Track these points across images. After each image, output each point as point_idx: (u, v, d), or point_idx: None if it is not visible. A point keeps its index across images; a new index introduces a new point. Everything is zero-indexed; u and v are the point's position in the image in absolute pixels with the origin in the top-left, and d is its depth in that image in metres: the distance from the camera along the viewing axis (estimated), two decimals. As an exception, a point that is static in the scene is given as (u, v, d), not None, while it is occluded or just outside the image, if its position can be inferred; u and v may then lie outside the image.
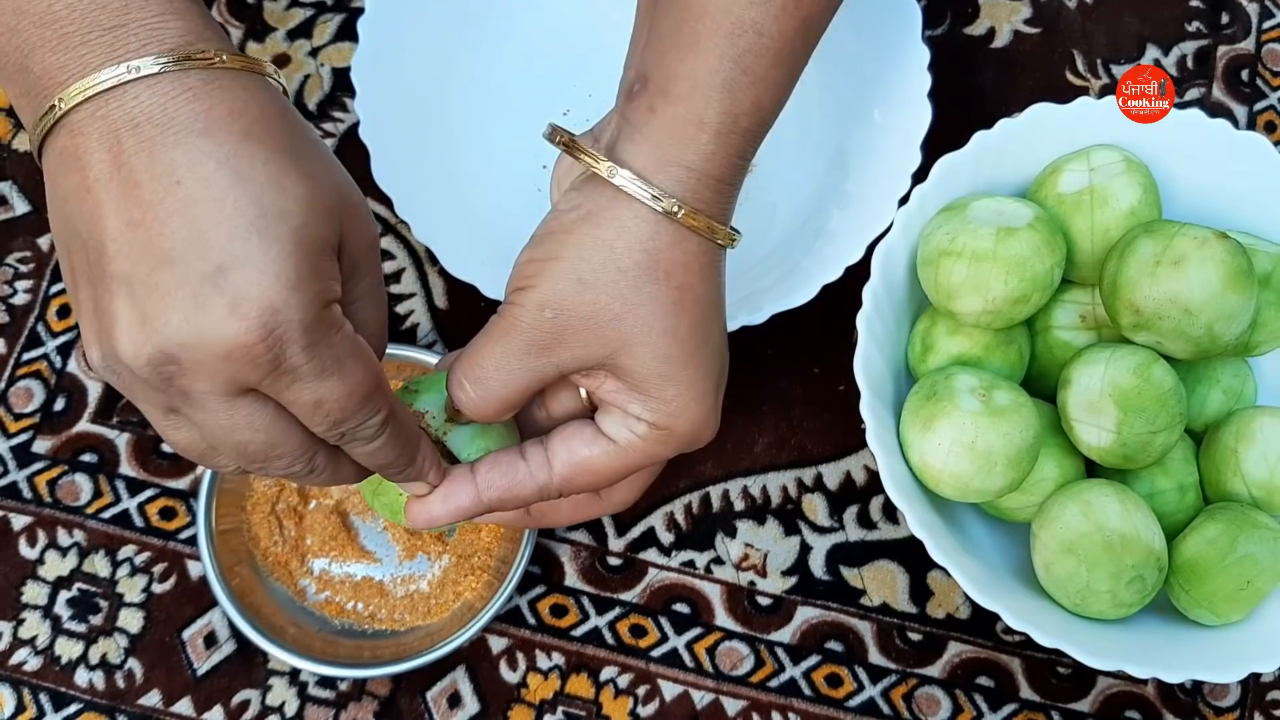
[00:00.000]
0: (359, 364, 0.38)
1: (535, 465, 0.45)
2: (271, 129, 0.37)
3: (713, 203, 0.43)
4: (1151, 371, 0.52)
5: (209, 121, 0.36)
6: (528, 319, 0.43)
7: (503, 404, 0.44)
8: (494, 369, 0.43)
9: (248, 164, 0.36)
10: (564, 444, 0.45)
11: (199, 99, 0.36)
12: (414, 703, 0.58)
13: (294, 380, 0.37)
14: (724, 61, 0.42)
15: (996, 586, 0.52)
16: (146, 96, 0.36)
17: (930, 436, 0.52)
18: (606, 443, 0.45)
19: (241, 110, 0.37)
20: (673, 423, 0.44)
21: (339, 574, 0.59)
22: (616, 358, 0.43)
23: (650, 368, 0.43)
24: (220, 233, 0.35)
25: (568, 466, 0.45)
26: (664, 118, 0.42)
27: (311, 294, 0.36)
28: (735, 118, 0.42)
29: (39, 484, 0.61)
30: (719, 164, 0.43)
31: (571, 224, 0.43)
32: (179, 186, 0.35)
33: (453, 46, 0.66)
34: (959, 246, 0.53)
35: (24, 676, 0.58)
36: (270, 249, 0.35)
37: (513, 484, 0.45)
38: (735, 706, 0.58)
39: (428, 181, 0.62)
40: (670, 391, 0.43)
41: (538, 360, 0.43)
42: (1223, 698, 0.59)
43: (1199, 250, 0.51)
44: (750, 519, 0.61)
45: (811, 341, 0.64)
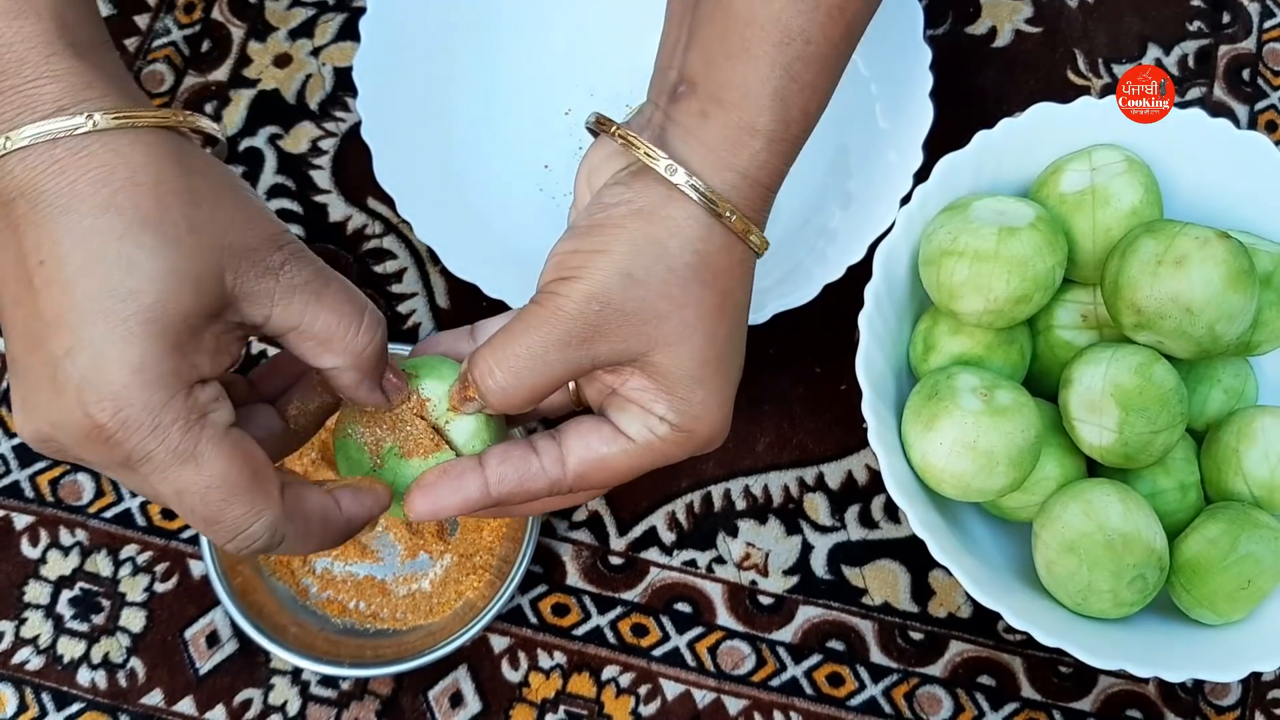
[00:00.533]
0: (221, 455, 0.37)
1: (548, 460, 0.44)
2: (136, 194, 0.36)
3: (759, 210, 0.44)
4: (1153, 371, 0.52)
5: (71, 196, 0.36)
6: (572, 309, 0.42)
7: (532, 394, 0.43)
8: (530, 358, 0.42)
9: (101, 241, 0.35)
10: (580, 440, 0.44)
11: (64, 171, 0.36)
12: (416, 702, 0.58)
13: (152, 469, 0.36)
14: (775, 70, 0.42)
15: (998, 586, 0.52)
16: (19, 170, 0.36)
17: (932, 436, 0.52)
18: (625, 441, 0.44)
19: (105, 178, 0.36)
20: (695, 425, 0.43)
21: (341, 573, 0.59)
22: (651, 355, 0.42)
23: (685, 370, 0.43)
24: (73, 316, 0.35)
25: (583, 464, 0.44)
26: (717, 123, 0.43)
27: (160, 375, 0.36)
28: (786, 125, 0.43)
29: (41, 483, 0.61)
30: (770, 171, 0.43)
31: (622, 218, 0.42)
32: (42, 267, 0.35)
33: (455, 46, 0.66)
34: (961, 246, 0.53)
35: (26, 676, 0.58)
36: (115, 331, 0.35)
37: (525, 479, 0.43)
38: (737, 706, 0.58)
39: (429, 181, 0.62)
40: (699, 395, 0.43)
41: (576, 352, 0.42)
42: (1224, 697, 0.59)
43: (1200, 250, 0.51)
44: (752, 518, 0.61)
45: (813, 341, 0.64)
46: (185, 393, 0.36)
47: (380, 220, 0.66)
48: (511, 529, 0.59)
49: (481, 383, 0.43)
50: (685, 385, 0.43)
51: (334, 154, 0.68)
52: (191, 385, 0.37)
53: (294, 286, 0.39)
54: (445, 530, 0.60)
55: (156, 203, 0.37)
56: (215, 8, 0.70)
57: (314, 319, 0.40)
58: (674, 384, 0.43)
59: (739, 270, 0.44)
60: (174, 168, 0.38)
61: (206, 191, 0.38)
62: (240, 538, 0.38)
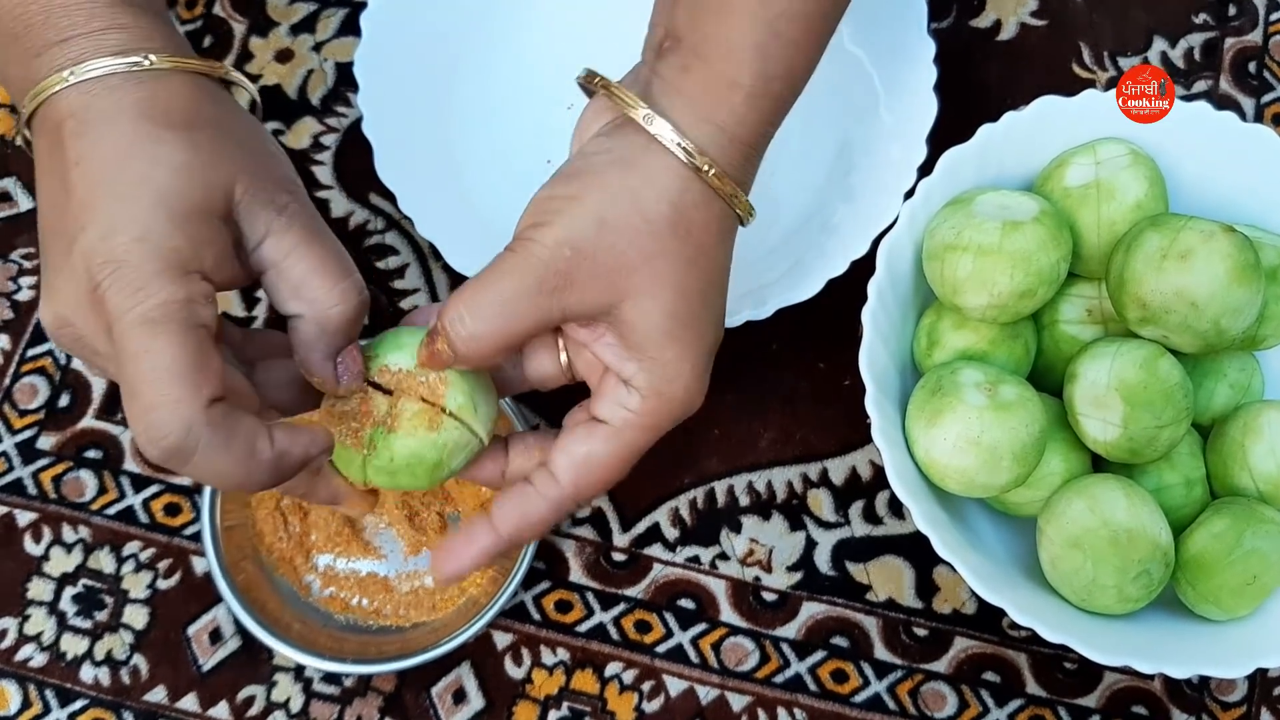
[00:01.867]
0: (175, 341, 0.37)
1: (542, 484, 0.44)
2: (172, 112, 0.41)
3: (739, 168, 0.44)
4: (1158, 366, 0.52)
5: (117, 110, 0.40)
6: (544, 255, 0.41)
7: (501, 341, 0.42)
8: (500, 303, 0.42)
9: (131, 140, 0.40)
10: (561, 450, 0.44)
11: (114, 93, 0.40)
12: (419, 698, 0.58)
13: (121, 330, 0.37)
14: (757, 25, 0.42)
15: (1002, 582, 0.52)
16: (75, 97, 0.40)
17: (936, 431, 0.52)
18: (602, 429, 0.44)
19: (149, 99, 0.41)
20: (666, 387, 0.43)
21: (344, 570, 0.59)
22: (622, 308, 0.42)
23: (655, 324, 0.42)
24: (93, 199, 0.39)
25: (571, 470, 0.44)
26: (698, 76, 0.43)
27: (159, 249, 0.38)
28: (768, 81, 0.43)
29: (44, 480, 0.61)
30: (749, 127, 0.43)
31: (600, 166, 0.43)
32: (78, 166, 0.39)
33: (456, 41, 0.66)
34: (964, 241, 0.53)
35: (29, 672, 0.58)
36: (126, 208, 0.38)
37: (525, 510, 0.44)
38: (740, 702, 0.58)
39: (431, 176, 0.62)
40: (670, 353, 0.43)
41: (547, 300, 0.42)
42: (1229, 693, 0.59)
43: (1205, 244, 0.50)
44: (755, 514, 0.61)
45: (816, 336, 0.63)
46: (178, 273, 0.38)
47: (382, 216, 0.66)
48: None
49: (451, 330, 0.42)
50: (655, 342, 0.42)
51: (336, 150, 0.67)
52: (186, 272, 0.39)
53: (291, 225, 0.42)
54: (448, 527, 0.60)
55: (186, 119, 0.41)
56: (217, 3, 0.70)
57: (297, 261, 0.42)
58: (643, 340, 0.42)
59: (716, 227, 0.43)
60: (211, 104, 0.42)
61: (234, 126, 0.43)
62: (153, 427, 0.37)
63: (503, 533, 0.44)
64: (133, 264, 0.38)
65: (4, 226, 0.66)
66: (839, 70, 0.64)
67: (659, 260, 0.42)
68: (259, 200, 0.41)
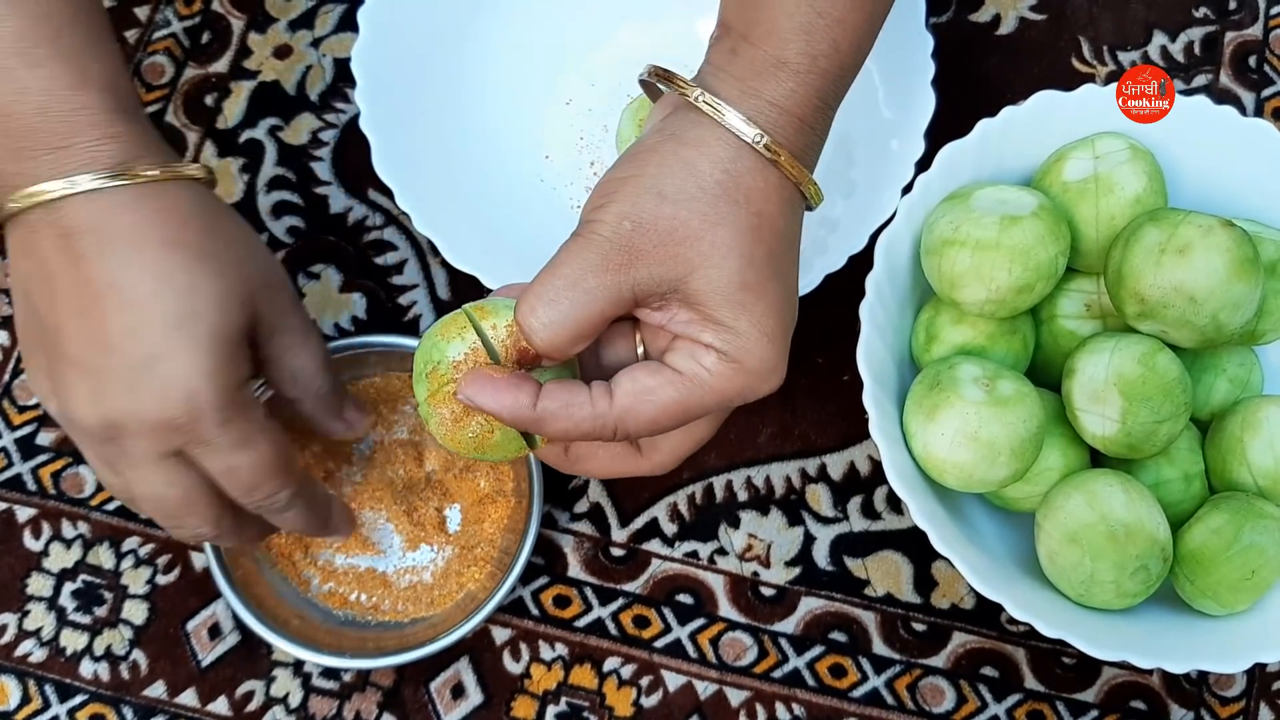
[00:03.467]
0: (267, 441, 0.46)
1: (597, 393, 0.43)
2: (190, 233, 0.45)
3: (794, 141, 0.44)
4: (1157, 360, 0.52)
5: (136, 234, 0.44)
6: (606, 231, 0.42)
7: (576, 328, 0.42)
8: (569, 287, 0.42)
9: (167, 270, 0.44)
10: (628, 375, 0.43)
11: (128, 212, 0.44)
12: (418, 693, 0.58)
13: (211, 450, 0.45)
14: (800, 5, 0.43)
15: (1000, 577, 0.52)
16: (86, 209, 0.43)
17: (934, 426, 0.52)
18: (672, 374, 0.43)
19: (164, 220, 0.44)
20: (743, 355, 0.42)
21: (342, 565, 0.59)
22: (690, 280, 0.42)
23: (724, 293, 0.42)
24: (151, 330, 0.43)
25: (629, 395, 0.42)
26: (745, 58, 0.44)
27: (225, 379, 0.44)
28: (814, 58, 0.44)
29: (43, 476, 0.61)
30: (799, 101, 0.44)
31: (655, 144, 0.44)
32: (114, 289, 0.43)
33: (453, 36, 0.66)
34: (962, 235, 0.53)
35: (29, 668, 0.58)
36: (190, 344, 0.43)
37: (569, 402, 0.42)
38: (739, 697, 0.58)
39: (429, 172, 0.62)
40: (743, 322, 0.42)
41: (614, 278, 0.42)
42: (1228, 688, 0.59)
43: (1204, 238, 0.50)
44: (754, 509, 0.61)
45: (815, 331, 0.63)
46: (242, 390, 0.45)
47: (381, 212, 0.66)
48: (513, 521, 0.59)
49: (525, 322, 0.42)
50: (727, 310, 0.42)
51: (334, 145, 0.67)
52: (243, 384, 0.45)
53: (292, 327, 0.49)
54: (446, 522, 0.60)
55: (208, 241, 0.45)
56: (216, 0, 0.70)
57: (293, 358, 0.49)
58: (715, 309, 0.42)
59: (776, 196, 0.43)
60: (214, 213, 0.47)
61: (238, 236, 0.48)
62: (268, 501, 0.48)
63: (538, 407, 0.42)
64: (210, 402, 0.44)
65: (3, 222, 0.66)
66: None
67: (721, 228, 0.42)
68: (273, 309, 0.48)
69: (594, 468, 0.48)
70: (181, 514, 0.46)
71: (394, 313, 0.64)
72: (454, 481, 0.60)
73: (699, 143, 0.43)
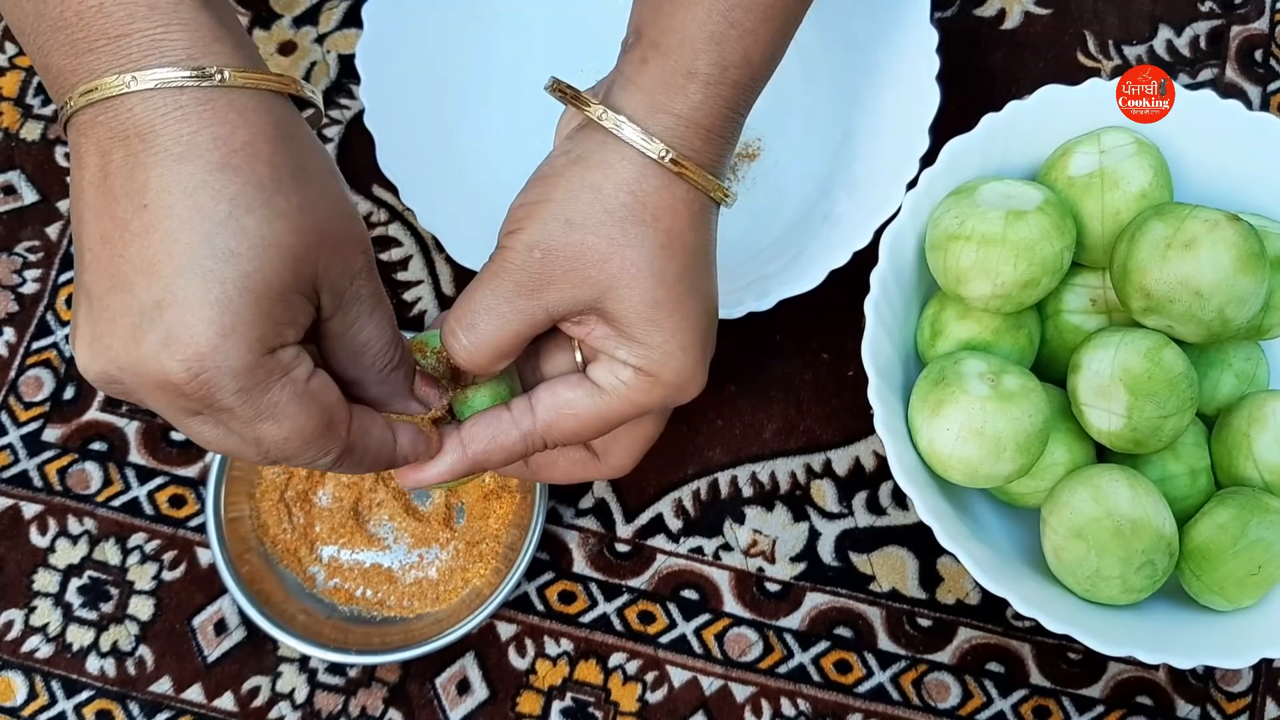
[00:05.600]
0: (301, 411, 0.38)
1: (519, 413, 0.45)
2: (255, 159, 0.37)
3: (702, 151, 0.44)
4: (1162, 355, 0.52)
5: (190, 145, 0.36)
6: (516, 260, 0.43)
7: (494, 349, 0.44)
8: (484, 311, 0.43)
9: (212, 198, 0.36)
10: (548, 390, 0.45)
11: (187, 119, 0.36)
12: (423, 689, 0.58)
13: (230, 418, 0.38)
14: (712, 15, 0.43)
15: (1006, 572, 0.51)
16: (140, 110, 0.36)
17: (939, 422, 0.52)
18: (590, 386, 0.44)
19: (227, 136, 0.37)
20: (658, 370, 0.44)
21: (348, 561, 0.59)
22: (604, 301, 0.43)
23: (637, 311, 0.43)
24: (168, 266, 0.36)
25: (549, 411, 0.45)
26: (654, 68, 0.43)
27: (248, 340, 0.36)
28: (724, 69, 0.43)
29: (49, 472, 0.61)
30: (708, 113, 0.44)
31: (561, 167, 0.43)
32: (145, 211, 0.36)
33: (458, 32, 0.66)
34: (967, 230, 0.53)
35: (36, 664, 0.58)
36: (210, 292, 0.36)
37: (495, 434, 0.45)
38: (744, 693, 0.58)
39: (433, 168, 0.62)
40: (657, 337, 0.43)
41: (527, 302, 0.43)
42: (1234, 683, 0.58)
43: (1210, 233, 0.50)
44: (759, 505, 0.61)
45: (819, 327, 0.63)
46: (269, 356, 0.37)
47: (385, 208, 0.66)
48: (518, 516, 0.59)
49: (448, 344, 0.44)
50: (641, 328, 0.43)
51: (339, 141, 0.67)
52: (275, 349, 0.38)
53: (359, 297, 0.41)
54: (452, 518, 0.60)
55: (272, 173, 0.37)
56: (220, -5, 0.70)
57: (358, 331, 0.41)
58: (630, 327, 0.43)
59: (685, 211, 0.43)
60: (290, 142, 0.39)
61: (316, 173, 0.39)
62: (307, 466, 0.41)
63: (469, 451, 0.45)
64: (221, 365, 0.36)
65: (9, 220, 0.66)
66: (842, 59, 0.64)
67: (630, 250, 0.42)
68: (336, 271, 0.40)
69: (555, 475, 0.50)
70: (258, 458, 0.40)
71: (399, 308, 0.64)
72: (459, 477, 0.60)
73: (604, 164, 0.43)
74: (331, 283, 0.40)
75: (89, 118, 0.37)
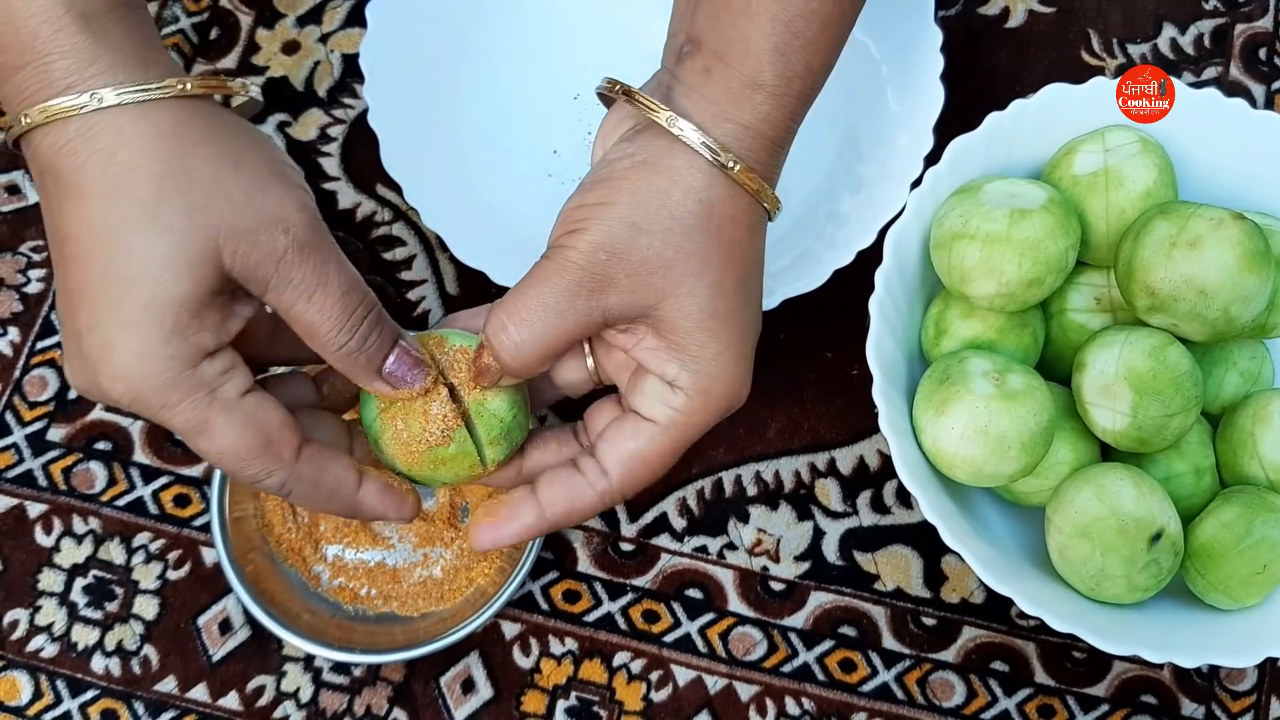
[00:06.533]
0: (230, 427, 0.40)
1: (592, 475, 0.45)
2: (136, 178, 0.38)
3: (765, 163, 0.44)
4: (1167, 354, 0.52)
5: (81, 180, 0.38)
6: (580, 260, 0.42)
7: (545, 348, 0.43)
8: (542, 309, 0.42)
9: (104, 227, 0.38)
10: (609, 445, 0.45)
11: (75, 153, 0.38)
12: (428, 688, 0.58)
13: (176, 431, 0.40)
14: (776, 25, 0.43)
15: (1010, 571, 0.51)
16: (43, 146, 0.39)
17: (943, 421, 0.52)
18: (649, 426, 0.44)
19: (107, 162, 0.38)
20: (711, 384, 0.43)
21: (352, 560, 0.59)
22: (661, 308, 0.42)
23: (694, 320, 0.43)
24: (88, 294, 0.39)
25: (621, 466, 0.44)
26: (719, 79, 0.43)
27: (161, 360, 0.38)
28: (788, 80, 0.43)
29: (54, 472, 0.61)
30: (773, 124, 0.44)
31: (625, 171, 0.43)
32: (65, 243, 0.39)
33: (462, 32, 0.66)
34: (972, 229, 0.53)
35: (41, 663, 0.59)
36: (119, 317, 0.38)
37: (574, 498, 0.45)
38: (748, 691, 0.58)
39: (437, 168, 0.62)
40: (711, 350, 0.43)
41: (587, 303, 0.42)
42: (1239, 682, 0.58)
43: (1215, 231, 0.50)
44: (763, 504, 0.61)
45: (823, 326, 0.63)
46: (190, 371, 0.39)
47: (389, 207, 0.66)
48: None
49: (495, 339, 0.43)
50: (696, 339, 0.43)
51: (343, 141, 0.67)
52: (197, 362, 0.40)
53: (289, 281, 0.41)
54: (457, 517, 0.60)
55: (153, 188, 0.38)
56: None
57: (299, 316, 0.42)
58: (684, 338, 0.43)
59: (745, 221, 0.44)
60: (174, 146, 0.39)
61: (204, 172, 0.39)
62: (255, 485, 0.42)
63: (548, 515, 0.45)
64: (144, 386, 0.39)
65: (12, 220, 0.66)
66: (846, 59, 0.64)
67: (694, 258, 0.42)
68: (251, 259, 0.40)
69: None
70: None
71: (403, 308, 0.64)
72: (463, 477, 0.60)
73: (671, 171, 0.43)
74: (250, 270, 0.40)
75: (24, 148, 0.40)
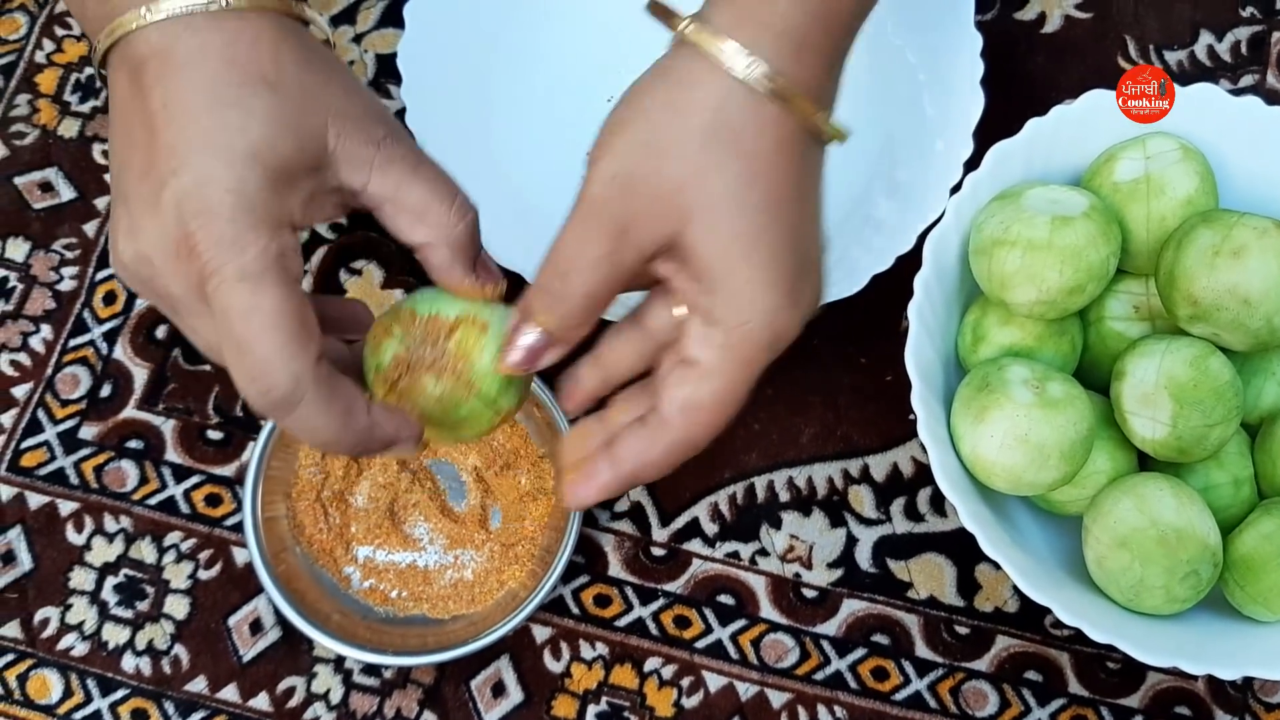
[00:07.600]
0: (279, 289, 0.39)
1: (657, 428, 0.42)
2: (259, 56, 0.41)
3: (796, 71, 0.40)
4: (1209, 364, 0.51)
5: (202, 55, 0.40)
6: (599, 192, 0.40)
7: (589, 301, 0.41)
8: (575, 256, 0.40)
9: (221, 87, 0.40)
10: (666, 398, 0.42)
11: (197, 35, 0.40)
12: (458, 691, 0.58)
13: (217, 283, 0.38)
14: None
15: (1048, 581, 0.51)
16: (156, 37, 0.40)
17: (983, 428, 0.51)
18: (694, 370, 0.41)
19: (232, 41, 0.40)
20: (751, 316, 0.40)
21: (384, 561, 0.59)
22: (683, 235, 0.40)
23: (717, 244, 0.40)
24: (184, 145, 0.39)
25: (682, 415, 0.42)
26: None
27: (252, 203, 0.39)
28: None
29: (86, 470, 0.61)
30: (798, 24, 0.40)
31: (646, 82, 0.41)
32: (165, 109, 0.40)
33: (497, 32, 0.66)
34: (1013, 235, 0.52)
35: (71, 662, 0.59)
36: (219, 158, 0.39)
37: (643, 451, 0.42)
38: (780, 699, 0.58)
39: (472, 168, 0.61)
40: (740, 275, 0.40)
41: (617, 243, 0.40)
42: (1274, 694, 0.58)
43: (1259, 240, 0.50)
44: (795, 510, 0.61)
45: (858, 331, 0.63)
46: (271, 227, 0.39)
47: (422, 208, 0.66)
48: (554, 519, 0.58)
49: (536, 302, 0.42)
50: (720, 265, 0.40)
51: (375, 141, 0.67)
52: (279, 225, 0.40)
53: (392, 158, 0.42)
54: (488, 520, 0.60)
55: (274, 61, 0.41)
56: (257, -6, 0.70)
57: (409, 191, 0.42)
58: (709, 265, 0.40)
59: (772, 132, 0.40)
60: (294, 41, 0.42)
61: (320, 64, 0.42)
62: (262, 378, 0.39)
63: (622, 471, 0.43)
64: (226, 216, 0.38)
65: (46, 217, 0.66)
66: (883, 64, 0.64)
67: (710, 175, 0.39)
68: (355, 141, 0.42)
69: None
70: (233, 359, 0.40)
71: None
72: (495, 479, 0.60)
73: (687, 81, 0.40)
74: (355, 151, 0.42)
75: (118, 51, 0.41)
